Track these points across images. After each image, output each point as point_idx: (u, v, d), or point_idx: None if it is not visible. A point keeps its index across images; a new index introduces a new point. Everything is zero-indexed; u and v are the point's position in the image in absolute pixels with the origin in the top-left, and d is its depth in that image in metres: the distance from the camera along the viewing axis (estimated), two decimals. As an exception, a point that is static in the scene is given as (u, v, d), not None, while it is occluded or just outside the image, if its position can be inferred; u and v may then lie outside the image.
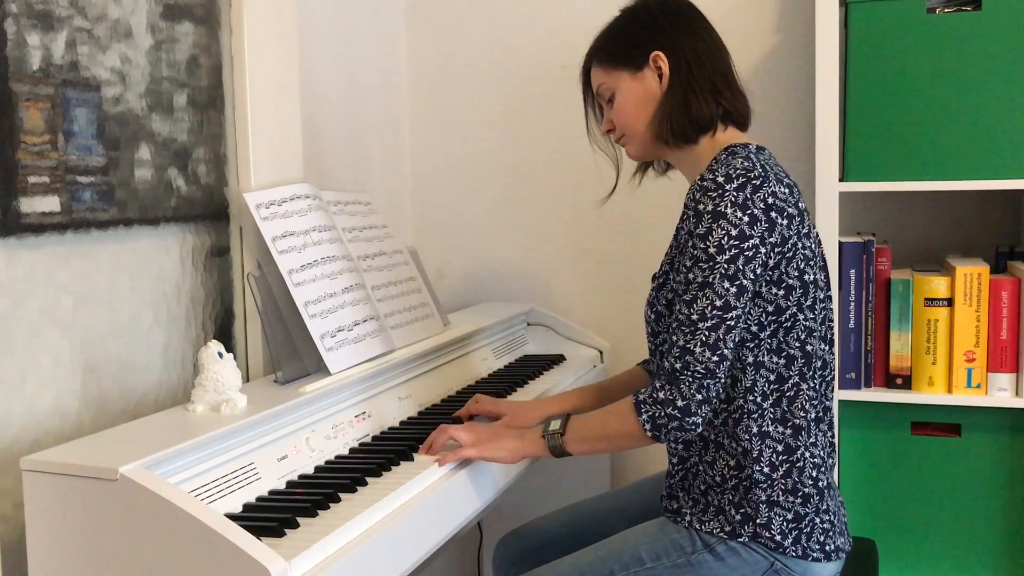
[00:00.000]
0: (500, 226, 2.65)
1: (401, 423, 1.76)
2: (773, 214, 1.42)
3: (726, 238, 1.40)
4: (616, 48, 1.59)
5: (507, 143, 2.62)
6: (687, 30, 1.56)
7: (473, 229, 2.67)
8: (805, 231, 1.48)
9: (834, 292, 2.00)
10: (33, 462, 1.24)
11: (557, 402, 1.79)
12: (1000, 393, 1.97)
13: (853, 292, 2.02)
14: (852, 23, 1.98)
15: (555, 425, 1.55)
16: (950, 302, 1.98)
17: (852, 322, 2.03)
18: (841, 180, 2.00)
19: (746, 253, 1.40)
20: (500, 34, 2.59)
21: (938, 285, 1.99)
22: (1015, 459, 2.00)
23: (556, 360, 2.29)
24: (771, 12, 2.36)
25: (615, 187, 1.76)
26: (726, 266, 1.40)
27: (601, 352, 2.40)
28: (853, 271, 2.02)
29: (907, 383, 2.02)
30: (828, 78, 1.96)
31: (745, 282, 1.40)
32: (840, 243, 2.00)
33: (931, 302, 1.99)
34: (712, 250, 1.40)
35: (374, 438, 1.67)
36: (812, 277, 1.48)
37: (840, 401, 2.03)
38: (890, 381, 2.03)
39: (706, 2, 2.39)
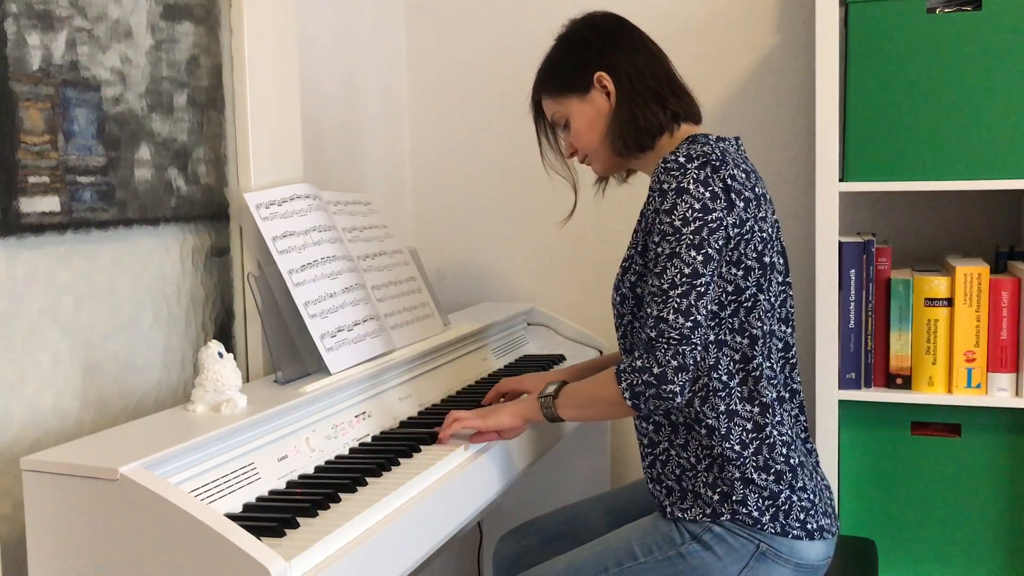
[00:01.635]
0: (500, 226, 2.65)
1: (401, 423, 1.76)
2: (732, 195, 1.48)
3: (690, 211, 1.45)
4: (561, 77, 1.66)
5: (507, 143, 2.62)
6: (622, 46, 1.62)
7: (473, 229, 2.67)
8: (762, 215, 1.53)
9: (834, 292, 2.00)
10: (33, 462, 1.25)
11: (566, 372, 1.89)
12: (1000, 393, 1.97)
13: (853, 292, 2.02)
14: (852, 23, 1.98)
15: (550, 390, 1.62)
16: (950, 302, 1.98)
17: (852, 322, 2.03)
18: (841, 180, 2.00)
19: (710, 225, 1.45)
20: (500, 34, 2.59)
21: (938, 285, 1.99)
22: (1015, 459, 2.00)
23: (556, 360, 2.29)
24: (771, 12, 2.36)
25: (574, 208, 1.84)
26: (691, 236, 1.45)
27: (601, 352, 2.40)
28: (853, 271, 2.02)
29: (907, 383, 2.02)
30: (828, 78, 1.96)
31: (710, 251, 1.46)
32: (840, 243, 2.00)
33: (931, 302, 1.99)
34: (678, 223, 1.46)
35: (374, 438, 1.67)
36: (770, 260, 1.54)
37: (840, 401, 2.02)
38: (890, 381, 2.03)
39: (706, 3, 2.41)
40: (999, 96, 1.92)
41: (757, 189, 1.54)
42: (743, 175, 1.51)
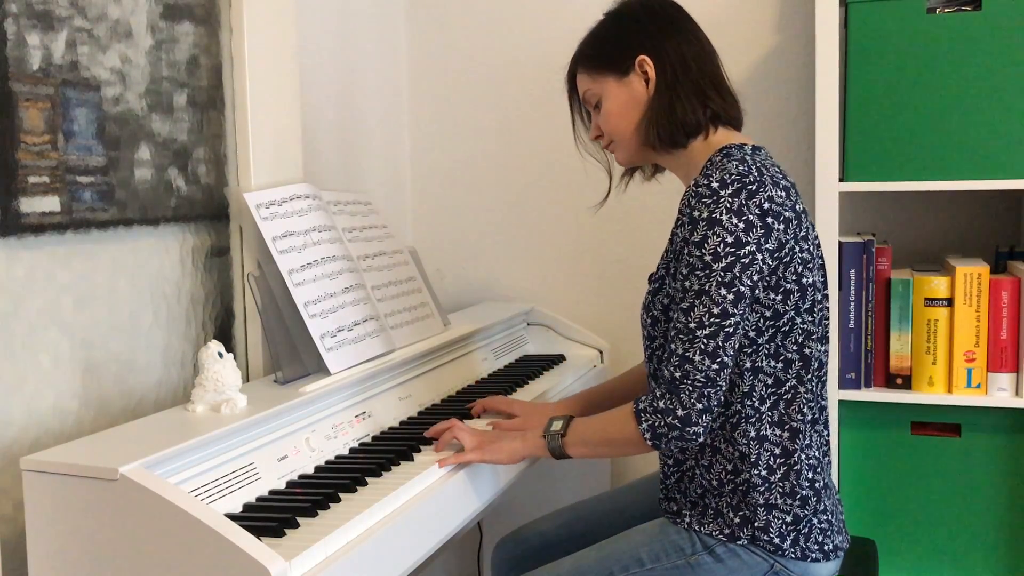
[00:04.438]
0: (500, 226, 2.65)
1: (401, 423, 1.76)
2: (769, 219, 1.40)
3: (722, 245, 1.38)
4: (601, 53, 1.56)
5: (507, 143, 2.62)
6: (672, 32, 1.53)
7: (473, 229, 2.67)
8: (803, 234, 1.46)
9: (834, 292, 2.00)
10: (33, 462, 1.25)
11: (566, 405, 1.80)
12: (1000, 393, 1.97)
13: (853, 292, 2.02)
14: (852, 23, 1.98)
15: (556, 426, 1.56)
16: (950, 302, 1.98)
17: (852, 322, 2.02)
18: (841, 180, 2.00)
19: (743, 260, 1.38)
20: (500, 35, 2.59)
21: (938, 285, 1.99)
22: (1015, 459, 2.00)
23: (556, 360, 2.29)
24: (771, 12, 2.36)
25: (608, 193, 1.73)
26: (722, 274, 1.38)
27: (601, 352, 2.40)
28: (853, 271, 2.02)
29: (907, 383, 2.02)
30: (828, 78, 1.96)
31: (742, 289, 1.39)
32: (840, 243, 2.00)
33: (931, 302, 1.99)
34: (708, 258, 1.38)
35: (374, 438, 1.67)
36: (810, 280, 1.47)
37: (840, 401, 2.02)
38: (890, 381, 2.03)
39: (707, 2, 2.41)
40: (999, 96, 1.92)
41: (797, 207, 1.46)
42: (782, 194, 1.43)
